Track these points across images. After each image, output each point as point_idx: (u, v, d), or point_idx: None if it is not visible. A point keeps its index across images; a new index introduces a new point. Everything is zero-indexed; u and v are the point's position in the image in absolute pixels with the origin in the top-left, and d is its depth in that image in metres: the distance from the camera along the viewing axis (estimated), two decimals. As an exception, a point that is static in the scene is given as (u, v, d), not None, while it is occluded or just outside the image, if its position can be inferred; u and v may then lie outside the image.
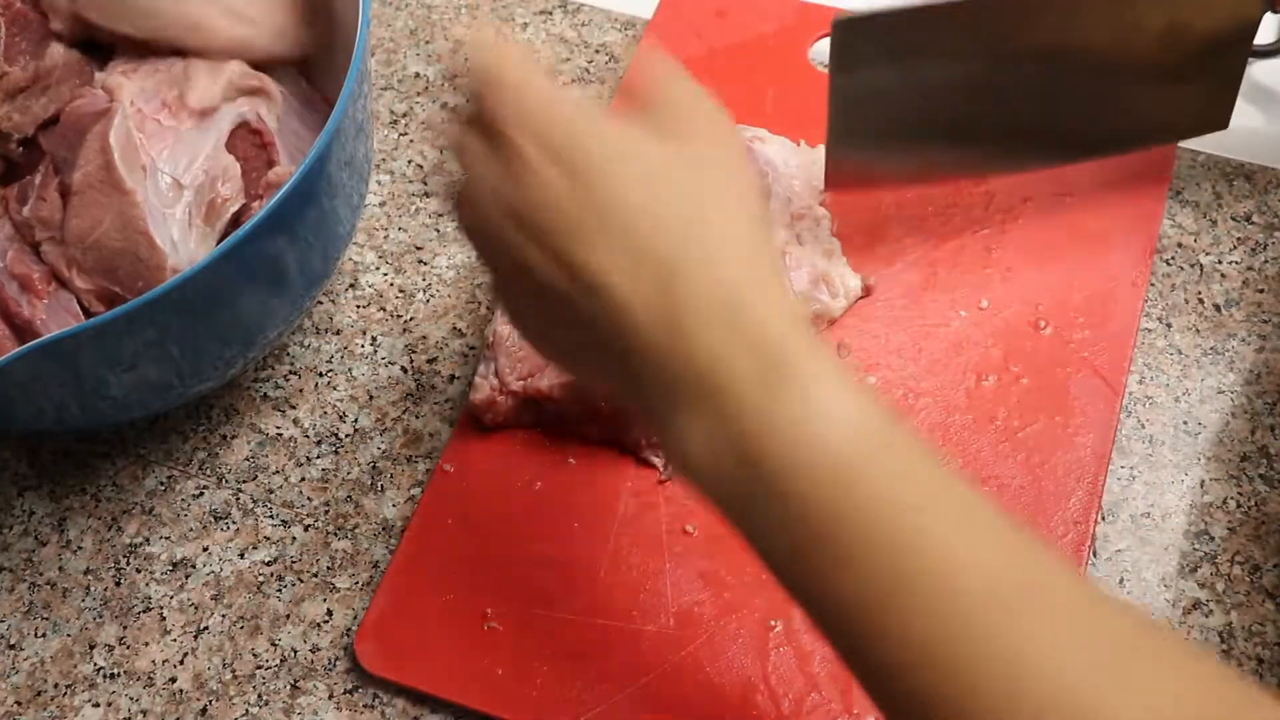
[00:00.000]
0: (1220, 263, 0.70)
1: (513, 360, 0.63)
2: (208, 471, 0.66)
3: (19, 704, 0.60)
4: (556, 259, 0.44)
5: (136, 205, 0.59)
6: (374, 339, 0.70)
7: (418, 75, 0.80)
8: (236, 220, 0.61)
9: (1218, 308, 0.68)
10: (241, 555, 0.64)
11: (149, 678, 0.61)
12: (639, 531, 0.62)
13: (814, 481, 0.41)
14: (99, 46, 0.64)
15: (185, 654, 0.61)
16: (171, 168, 0.60)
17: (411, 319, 0.71)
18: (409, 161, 0.76)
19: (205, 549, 0.64)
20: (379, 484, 0.65)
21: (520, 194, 0.45)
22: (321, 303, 0.71)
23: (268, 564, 0.64)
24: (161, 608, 0.63)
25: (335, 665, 0.61)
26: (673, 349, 0.43)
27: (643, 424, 0.49)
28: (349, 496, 0.65)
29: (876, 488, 0.40)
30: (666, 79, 0.48)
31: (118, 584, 0.63)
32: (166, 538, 0.65)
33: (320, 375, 0.69)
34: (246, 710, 0.60)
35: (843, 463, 0.41)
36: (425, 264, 0.72)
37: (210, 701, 0.60)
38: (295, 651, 0.61)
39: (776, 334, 0.43)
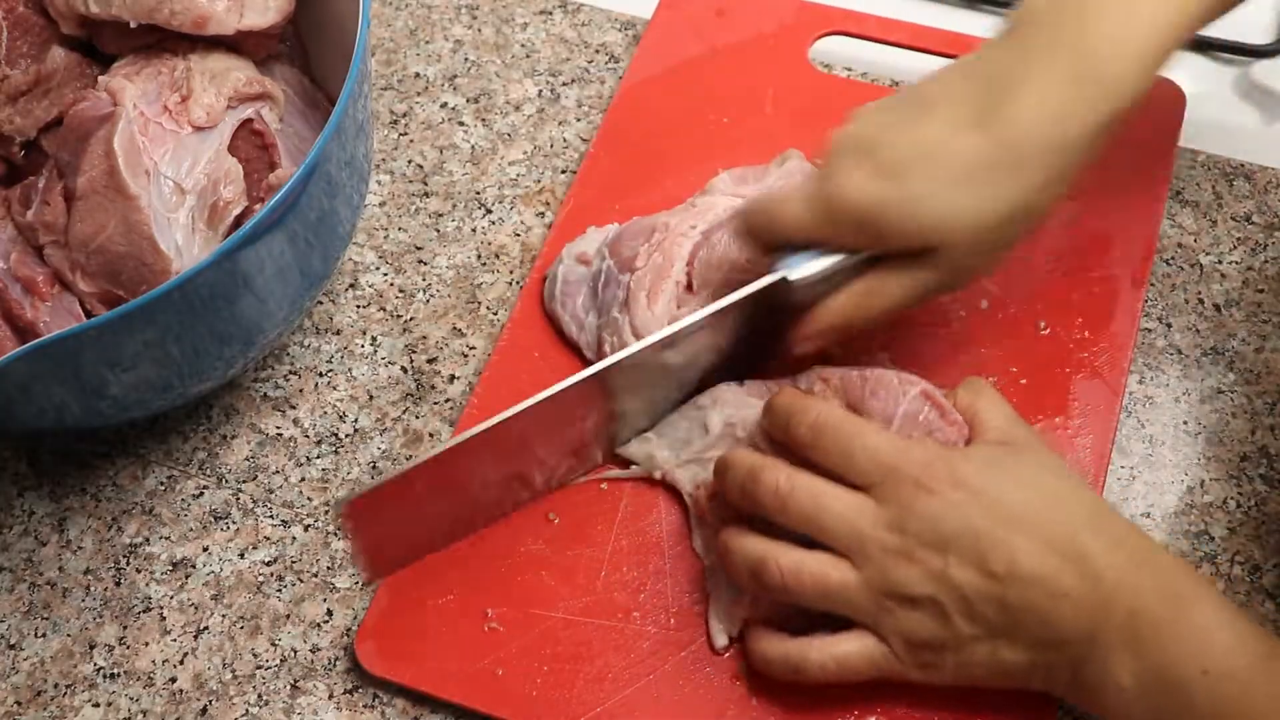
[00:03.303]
0: (1220, 263, 0.70)
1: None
2: (208, 471, 0.66)
3: (19, 704, 0.61)
4: (980, 570, 0.52)
5: (140, 210, 0.59)
6: (374, 339, 0.70)
7: (418, 75, 0.80)
8: (239, 223, 0.61)
9: (1218, 308, 0.68)
10: (241, 555, 0.64)
11: (149, 678, 0.61)
12: (639, 532, 0.62)
13: (1215, 692, 0.49)
14: (101, 51, 0.65)
15: (185, 654, 0.61)
16: (174, 172, 0.60)
17: (411, 319, 0.71)
18: (409, 161, 0.76)
19: (205, 549, 0.64)
20: (379, 484, 0.65)
21: (934, 525, 0.53)
22: (321, 303, 0.71)
23: (268, 564, 0.64)
24: (161, 608, 0.63)
25: (335, 665, 0.61)
26: (1096, 601, 0.51)
27: (1039, 685, 0.55)
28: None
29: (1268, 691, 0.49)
30: (993, 409, 0.57)
31: (118, 584, 0.64)
32: (166, 538, 0.65)
33: (320, 375, 0.69)
34: (246, 710, 0.60)
35: (1238, 671, 0.49)
36: (425, 264, 0.72)
37: (210, 701, 0.60)
38: (295, 651, 0.61)
39: (1169, 568, 0.52)
